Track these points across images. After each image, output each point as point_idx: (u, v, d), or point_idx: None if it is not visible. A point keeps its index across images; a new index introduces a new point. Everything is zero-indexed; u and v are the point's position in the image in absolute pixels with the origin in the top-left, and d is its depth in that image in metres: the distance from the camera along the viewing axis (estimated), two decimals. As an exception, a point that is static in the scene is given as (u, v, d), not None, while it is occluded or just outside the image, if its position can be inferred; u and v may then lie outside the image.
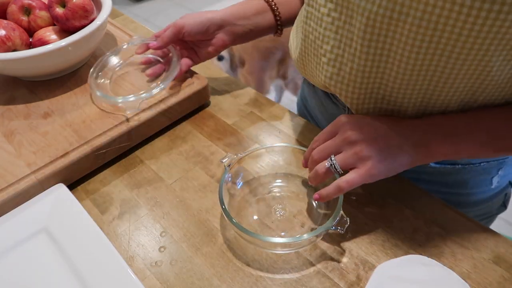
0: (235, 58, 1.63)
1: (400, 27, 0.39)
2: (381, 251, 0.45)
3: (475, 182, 0.59)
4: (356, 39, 0.43)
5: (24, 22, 0.65)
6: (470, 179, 0.58)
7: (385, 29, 0.40)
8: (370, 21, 0.40)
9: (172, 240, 0.48)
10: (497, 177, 0.59)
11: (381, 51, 0.42)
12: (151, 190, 0.54)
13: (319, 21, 0.46)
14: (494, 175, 0.58)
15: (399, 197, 0.51)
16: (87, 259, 0.44)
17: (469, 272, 0.43)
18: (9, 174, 0.51)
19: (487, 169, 0.57)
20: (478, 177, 0.58)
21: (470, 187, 0.59)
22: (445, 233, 0.47)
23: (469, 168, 0.56)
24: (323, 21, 0.45)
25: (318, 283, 0.43)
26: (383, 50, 0.42)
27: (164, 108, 0.60)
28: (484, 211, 0.65)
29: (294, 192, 0.52)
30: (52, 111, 0.61)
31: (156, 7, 2.95)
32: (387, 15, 0.39)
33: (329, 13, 0.44)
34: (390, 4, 0.38)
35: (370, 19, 0.40)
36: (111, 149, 0.57)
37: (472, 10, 0.34)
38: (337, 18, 0.44)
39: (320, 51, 0.48)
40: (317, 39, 0.47)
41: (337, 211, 0.43)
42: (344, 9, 0.42)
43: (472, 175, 0.57)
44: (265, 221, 0.49)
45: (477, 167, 0.56)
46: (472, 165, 0.56)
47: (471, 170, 0.56)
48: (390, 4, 0.38)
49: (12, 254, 0.45)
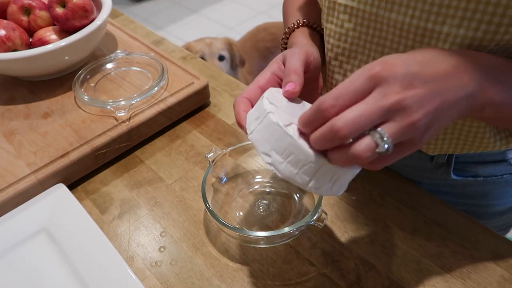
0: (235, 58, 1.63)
1: (435, 38, 0.38)
2: (381, 251, 0.45)
3: (497, 193, 0.56)
4: (389, 52, 0.42)
5: (24, 22, 0.65)
6: (492, 190, 0.56)
7: (419, 41, 0.39)
8: (403, 32, 0.40)
9: (172, 240, 0.48)
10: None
11: None
12: (151, 190, 0.54)
13: (343, 37, 0.45)
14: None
15: (399, 197, 0.51)
16: (87, 259, 0.44)
17: (469, 272, 0.43)
18: (9, 174, 0.51)
19: (510, 181, 0.55)
20: (500, 189, 0.56)
21: (492, 198, 0.57)
22: (445, 233, 0.47)
23: (491, 180, 0.54)
24: (349, 36, 0.45)
25: (318, 283, 0.43)
26: None
27: (164, 108, 0.60)
28: (503, 222, 0.63)
29: (278, 187, 0.52)
30: (52, 111, 0.61)
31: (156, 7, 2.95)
32: (421, 26, 0.38)
33: (355, 27, 0.44)
34: (424, 15, 0.37)
35: (403, 30, 0.39)
36: (111, 149, 0.57)
37: None
38: (365, 32, 0.43)
39: (346, 67, 0.47)
40: (340, 56, 0.47)
41: (316, 205, 0.43)
42: (372, 22, 0.42)
43: (494, 186, 0.55)
44: (249, 216, 0.49)
45: (499, 179, 0.54)
46: (495, 177, 0.54)
47: (493, 182, 0.54)
48: (424, 14, 0.37)
49: (12, 254, 0.45)
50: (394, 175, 0.53)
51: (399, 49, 0.42)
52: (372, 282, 0.43)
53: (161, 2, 3.00)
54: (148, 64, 0.68)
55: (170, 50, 0.80)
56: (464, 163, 0.53)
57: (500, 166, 0.53)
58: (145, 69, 0.68)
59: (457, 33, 0.36)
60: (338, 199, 0.51)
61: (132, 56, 0.69)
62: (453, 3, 0.36)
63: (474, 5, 0.35)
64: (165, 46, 0.82)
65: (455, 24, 0.36)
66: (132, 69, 0.68)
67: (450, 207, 0.49)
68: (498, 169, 0.53)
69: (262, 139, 0.33)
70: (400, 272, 0.43)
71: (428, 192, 0.51)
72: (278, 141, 0.32)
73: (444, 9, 0.36)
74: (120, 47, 0.74)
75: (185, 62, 0.77)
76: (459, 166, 0.53)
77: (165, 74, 0.64)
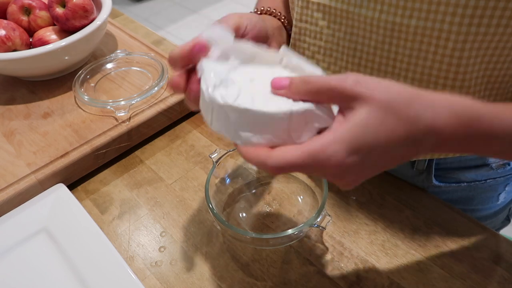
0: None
1: (404, 32, 0.38)
2: (381, 251, 0.45)
3: (481, 199, 0.56)
4: (361, 48, 0.43)
5: (24, 22, 0.65)
6: (476, 196, 0.56)
7: (389, 36, 0.40)
8: (373, 27, 0.40)
9: (172, 240, 0.48)
10: (504, 193, 0.57)
11: (386, 60, 0.42)
12: (151, 190, 0.54)
13: (318, 35, 0.46)
14: (501, 192, 0.56)
15: (399, 197, 0.51)
16: (87, 259, 0.44)
17: (469, 272, 0.43)
18: (9, 174, 0.51)
19: (494, 186, 0.55)
20: (484, 194, 0.56)
21: (476, 203, 0.57)
22: (445, 233, 0.47)
23: (475, 185, 0.54)
24: (323, 34, 0.45)
25: (318, 283, 0.43)
26: (388, 59, 0.42)
27: (164, 108, 0.60)
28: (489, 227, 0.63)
29: (281, 189, 0.52)
30: (52, 111, 0.61)
31: (156, 7, 2.95)
32: (389, 20, 0.38)
33: (328, 25, 0.44)
34: (392, 9, 0.38)
35: (373, 25, 0.40)
36: (111, 149, 0.57)
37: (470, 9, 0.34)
38: (337, 30, 0.44)
39: (322, 65, 0.47)
40: (316, 54, 0.47)
41: (320, 208, 0.43)
42: (344, 19, 0.42)
43: (478, 192, 0.55)
44: (252, 217, 0.49)
45: (483, 184, 0.54)
46: (478, 182, 0.54)
47: (476, 187, 0.54)
48: (392, 9, 0.38)
49: (12, 254, 0.45)
50: (394, 176, 0.53)
51: (370, 44, 0.42)
52: (372, 282, 0.43)
53: (161, 2, 3.00)
54: (148, 64, 0.68)
55: (170, 50, 0.80)
56: (444, 169, 0.53)
57: (482, 171, 0.53)
58: (145, 69, 0.68)
59: (425, 26, 0.37)
60: (338, 199, 0.51)
61: (132, 56, 0.69)
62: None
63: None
64: (165, 46, 0.82)
65: (422, 17, 0.37)
66: (132, 69, 0.68)
67: (450, 207, 0.49)
68: (480, 174, 0.53)
69: (224, 126, 0.31)
70: (400, 272, 0.43)
71: (428, 192, 0.51)
72: (239, 118, 0.29)
73: (410, 2, 0.36)
74: (120, 47, 0.74)
75: (185, 62, 0.77)
76: (440, 172, 0.53)
77: (165, 74, 0.64)
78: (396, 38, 0.39)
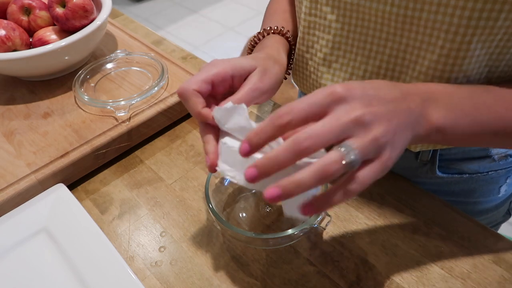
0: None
1: (415, 24, 0.39)
2: (381, 251, 0.45)
3: (482, 191, 0.57)
4: (371, 40, 0.43)
5: (24, 22, 0.65)
6: (477, 188, 0.56)
7: (400, 29, 0.40)
8: (385, 20, 0.40)
9: (172, 240, 0.48)
10: (505, 185, 0.57)
11: (396, 52, 0.42)
12: (151, 190, 0.54)
13: (327, 29, 0.46)
14: (502, 184, 0.57)
15: (399, 197, 0.51)
16: (87, 259, 0.44)
17: (469, 272, 0.43)
18: (9, 174, 0.51)
19: (495, 178, 0.55)
20: (486, 186, 0.56)
21: (477, 196, 0.57)
22: (445, 233, 0.47)
23: (477, 177, 0.55)
24: (332, 27, 0.45)
25: (318, 283, 0.43)
26: (398, 51, 0.42)
27: (164, 108, 0.60)
28: (490, 220, 0.64)
29: None
30: (52, 111, 0.61)
31: (156, 7, 2.95)
32: (401, 13, 0.39)
33: (337, 19, 0.44)
34: (403, 2, 0.38)
35: (385, 18, 0.40)
36: (111, 149, 0.57)
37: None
38: (347, 23, 0.44)
39: (330, 58, 0.48)
40: (324, 47, 0.47)
41: None
42: (354, 13, 0.43)
43: (479, 184, 0.56)
44: (252, 218, 0.49)
45: (485, 176, 0.55)
46: (480, 174, 0.54)
47: (478, 179, 0.55)
48: (403, 2, 0.38)
49: (12, 254, 0.45)
50: (394, 175, 0.53)
51: (381, 36, 0.42)
52: (372, 282, 0.43)
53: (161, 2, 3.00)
54: (148, 64, 0.68)
55: (170, 50, 0.80)
56: (448, 160, 0.54)
57: (484, 162, 0.53)
58: (145, 69, 0.68)
59: (435, 19, 0.37)
60: (338, 199, 0.51)
61: (132, 56, 0.69)
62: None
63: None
64: (165, 46, 0.82)
65: (433, 10, 0.37)
66: (132, 69, 0.68)
67: (450, 207, 0.49)
68: (483, 165, 0.54)
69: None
70: (400, 272, 0.43)
71: (428, 192, 0.51)
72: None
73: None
74: (120, 47, 0.74)
75: (185, 62, 0.77)
76: (444, 163, 0.54)
77: (165, 74, 0.64)
78: (407, 30, 0.40)
